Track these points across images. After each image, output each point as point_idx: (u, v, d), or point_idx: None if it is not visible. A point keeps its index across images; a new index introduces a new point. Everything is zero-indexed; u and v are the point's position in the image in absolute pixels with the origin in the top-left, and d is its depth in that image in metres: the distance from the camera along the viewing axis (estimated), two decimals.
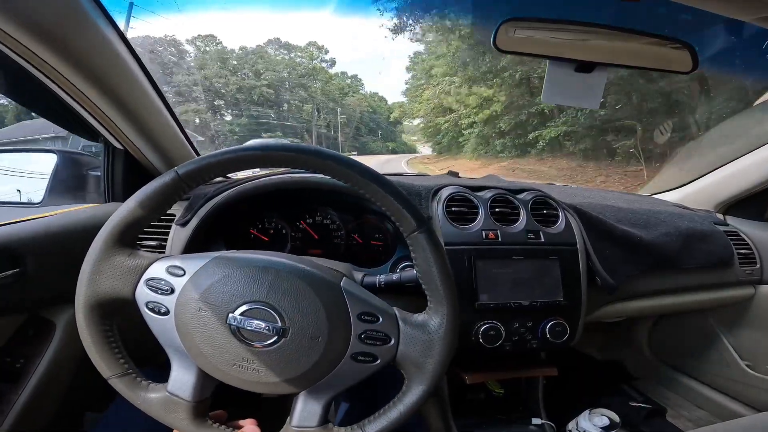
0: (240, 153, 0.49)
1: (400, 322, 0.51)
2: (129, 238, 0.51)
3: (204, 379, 0.51)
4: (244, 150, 0.50)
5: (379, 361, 0.50)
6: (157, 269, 0.50)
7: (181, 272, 0.49)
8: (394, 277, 0.73)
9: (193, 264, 0.50)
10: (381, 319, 0.50)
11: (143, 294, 0.49)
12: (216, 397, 0.54)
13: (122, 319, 0.53)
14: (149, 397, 0.51)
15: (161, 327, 0.49)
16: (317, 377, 0.49)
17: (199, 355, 0.49)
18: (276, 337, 0.47)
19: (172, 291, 0.49)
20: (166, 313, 0.49)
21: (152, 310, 0.49)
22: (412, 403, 0.51)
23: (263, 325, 0.47)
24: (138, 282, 0.50)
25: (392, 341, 0.50)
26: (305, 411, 0.51)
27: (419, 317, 0.52)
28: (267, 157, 0.50)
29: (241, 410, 0.59)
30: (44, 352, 0.83)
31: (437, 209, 0.89)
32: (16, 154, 1.00)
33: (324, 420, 0.51)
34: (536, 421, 0.99)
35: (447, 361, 0.51)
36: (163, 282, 0.49)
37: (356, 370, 0.50)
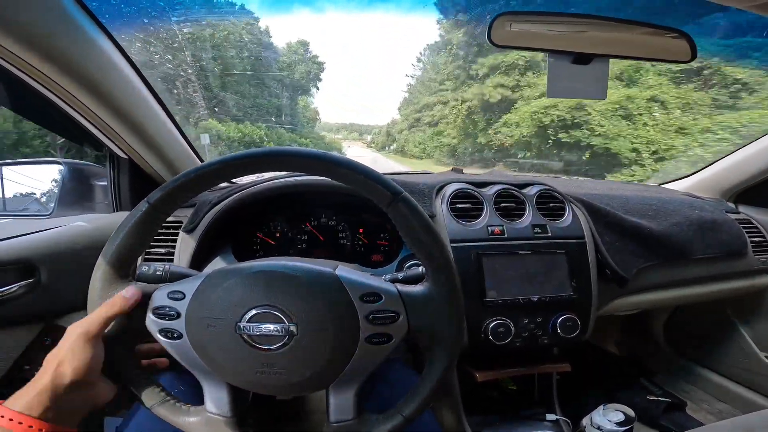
0: (201, 171, 0.50)
1: (404, 297, 0.51)
2: (123, 271, 0.51)
3: (236, 392, 0.52)
4: (207, 167, 0.50)
5: (394, 339, 0.50)
6: (159, 297, 0.51)
7: (181, 295, 0.50)
8: (400, 275, 0.73)
9: (190, 285, 0.50)
10: (383, 297, 0.50)
11: (153, 323, 0.50)
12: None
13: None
14: (192, 421, 0.52)
15: (179, 350, 0.50)
16: (339, 368, 0.49)
17: (222, 370, 0.50)
18: (287, 337, 0.47)
19: (179, 315, 0.49)
20: (180, 336, 0.49)
21: (166, 336, 0.50)
22: (440, 375, 0.51)
23: (272, 327, 0.47)
24: (146, 313, 0.51)
25: (401, 317, 0.50)
26: (339, 405, 0.51)
27: (420, 287, 0.52)
28: (228, 167, 0.50)
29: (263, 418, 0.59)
30: None
31: (441, 207, 0.89)
32: (23, 167, 1.02)
33: (359, 411, 0.52)
34: (551, 416, 0.98)
35: (461, 324, 0.51)
36: (167, 308, 0.50)
37: (374, 352, 0.50)
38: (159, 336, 0.50)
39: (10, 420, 0.44)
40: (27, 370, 0.83)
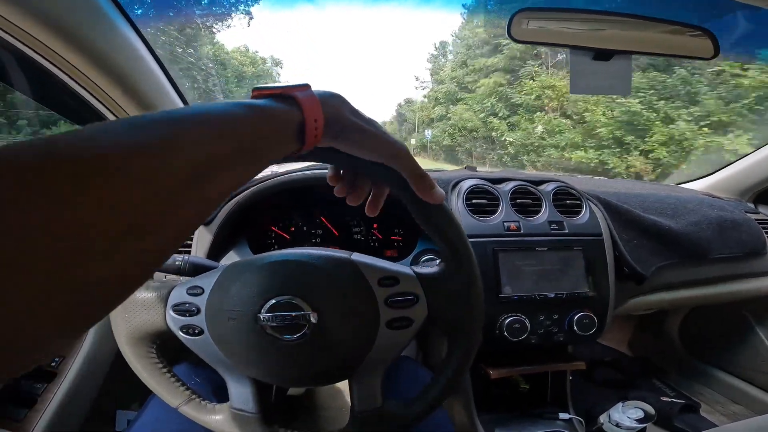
0: None
1: (420, 278, 0.50)
2: None
3: (260, 387, 0.51)
4: None
5: (414, 323, 0.49)
6: (178, 294, 0.50)
7: (200, 290, 0.49)
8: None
9: (208, 280, 0.50)
10: (401, 280, 0.49)
11: (174, 320, 0.50)
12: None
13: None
14: (217, 419, 0.52)
15: (201, 346, 0.50)
16: (361, 355, 0.48)
17: (245, 364, 0.49)
18: (307, 326, 0.46)
19: (199, 310, 0.49)
20: (201, 332, 0.49)
21: (187, 332, 0.49)
22: (462, 362, 0.50)
23: (291, 316, 0.46)
24: (165, 311, 0.50)
25: (420, 299, 0.49)
26: (363, 393, 0.50)
27: (436, 269, 0.50)
28: None
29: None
30: (78, 352, 0.86)
31: (457, 202, 0.89)
32: None
33: (383, 398, 0.51)
34: (564, 415, 0.97)
35: (481, 309, 0.50)
36: (187, 305, 0.49)
37: (396, 337, 0.49)
38: (180, 333, 0.50)
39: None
40: (44, 362, 0.84)
